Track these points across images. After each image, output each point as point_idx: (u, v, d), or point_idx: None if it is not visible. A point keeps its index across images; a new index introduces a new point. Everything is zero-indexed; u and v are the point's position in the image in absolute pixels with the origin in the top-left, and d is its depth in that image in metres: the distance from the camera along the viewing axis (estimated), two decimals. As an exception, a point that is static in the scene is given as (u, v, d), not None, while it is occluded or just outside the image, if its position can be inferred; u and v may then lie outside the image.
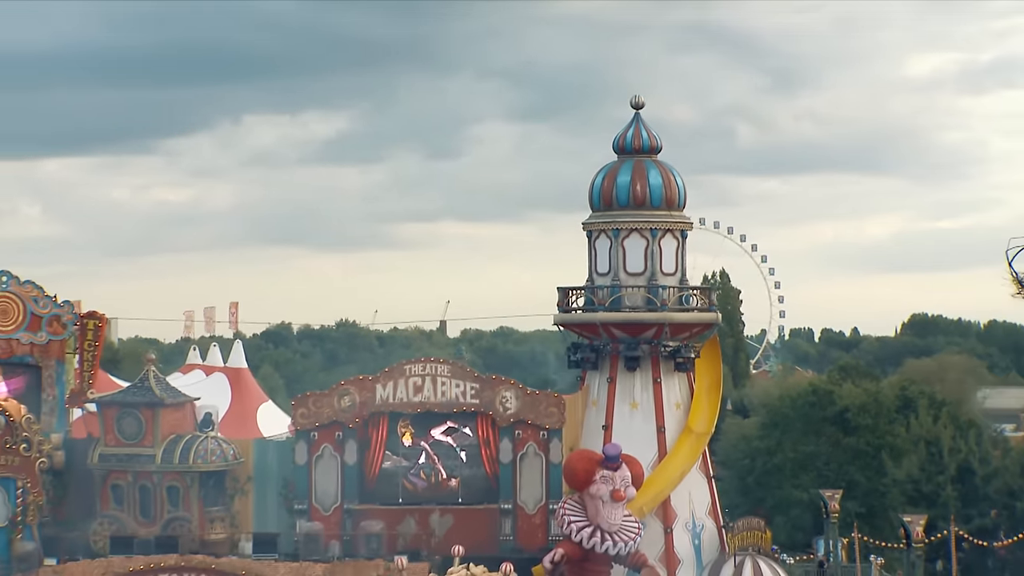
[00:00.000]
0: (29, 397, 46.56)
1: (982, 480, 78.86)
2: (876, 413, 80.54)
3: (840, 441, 75.22)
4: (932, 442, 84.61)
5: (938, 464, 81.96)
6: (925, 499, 76.24)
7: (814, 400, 78.13)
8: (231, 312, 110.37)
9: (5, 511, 44.18)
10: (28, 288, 46.76)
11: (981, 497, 76.43)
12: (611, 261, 47.02)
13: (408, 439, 46.51)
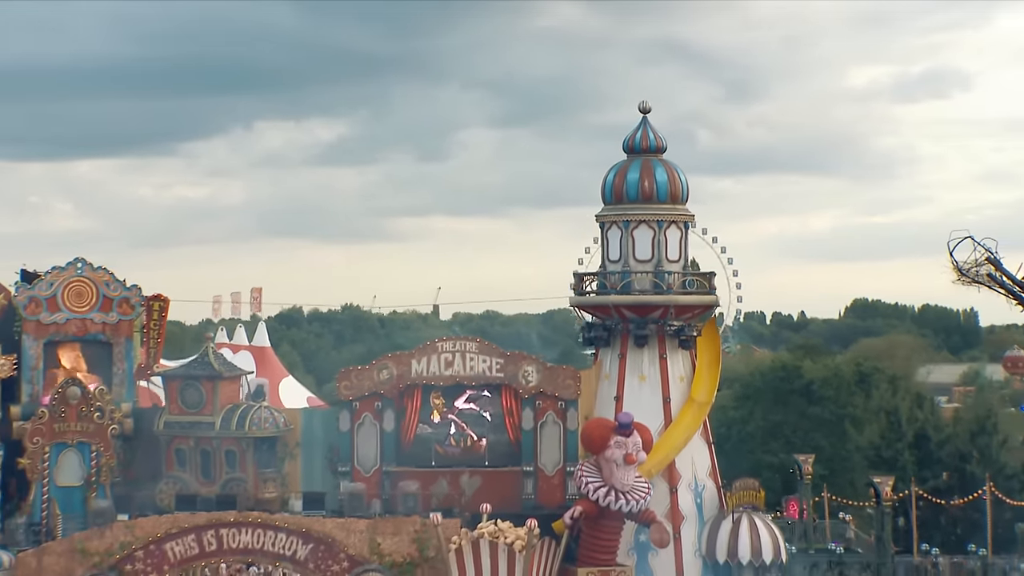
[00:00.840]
0: (101, 371, 46.09)
1: (936, 446, 78.81)
2: (837, 386, 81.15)
3: (806, 411, 75.41)
4: (891, 412, 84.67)
5: (897, 432, 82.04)
6: (885, 463, 76.22)
7: (783, 375, 78.44)
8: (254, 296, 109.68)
9: (81, 472, 44.11)
10: (100, 273, 46.44)
11: (935, 461, 76.40)
12: (622, 249, 46.79)
13: (437, 416, 46.20)
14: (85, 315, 46.11)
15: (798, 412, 75.63)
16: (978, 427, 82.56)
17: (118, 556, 41.52)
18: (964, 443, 78.98)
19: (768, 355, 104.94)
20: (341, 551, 41.71)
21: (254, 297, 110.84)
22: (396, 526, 42.11)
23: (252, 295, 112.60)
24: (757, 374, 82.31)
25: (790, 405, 76.20)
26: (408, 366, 45.68)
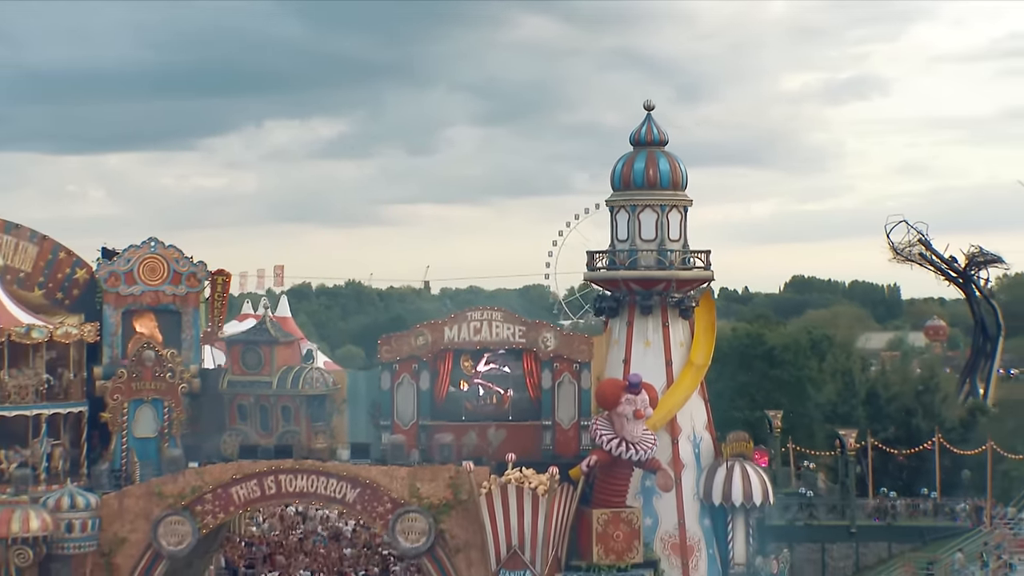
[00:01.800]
0: (172, 337, 45.91)
1: (885, 402, 78.87)
2: (795, 351, 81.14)
3: (768, 373, 75.20)
4: (845, 373, 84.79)
5: (851, 390, 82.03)
6: (840, 418, 76.29)
7: (747, 342, 78.30)
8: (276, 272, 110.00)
9: (155, 424, 44.07)
10: (171, 251, 46.21)
11: (884, 416, 76.23)
12: (629, 231, 46.59)
13: (465, 386, 46.17)
14: (158, 288, 45.93)
15: (761, 374, 75.49)
16: (923, 386, 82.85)
17: (190, 498, 41.31)
18: (910, 400, 79.16)
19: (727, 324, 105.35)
20: (385, 495, 41.42)
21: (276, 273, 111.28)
22: (433, 473, 41.88)
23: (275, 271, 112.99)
24: (724, 341, 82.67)
25: (754, 369, 76.11)
26: (441, 333, 45.46)
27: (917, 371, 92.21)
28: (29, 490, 40.67)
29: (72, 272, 46.65)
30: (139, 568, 41.04)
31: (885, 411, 78.29)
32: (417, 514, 41.10)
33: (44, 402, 42.77)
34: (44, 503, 40.03)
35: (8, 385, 42.10)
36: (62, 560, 40.01)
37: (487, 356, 45.94)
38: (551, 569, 40.84)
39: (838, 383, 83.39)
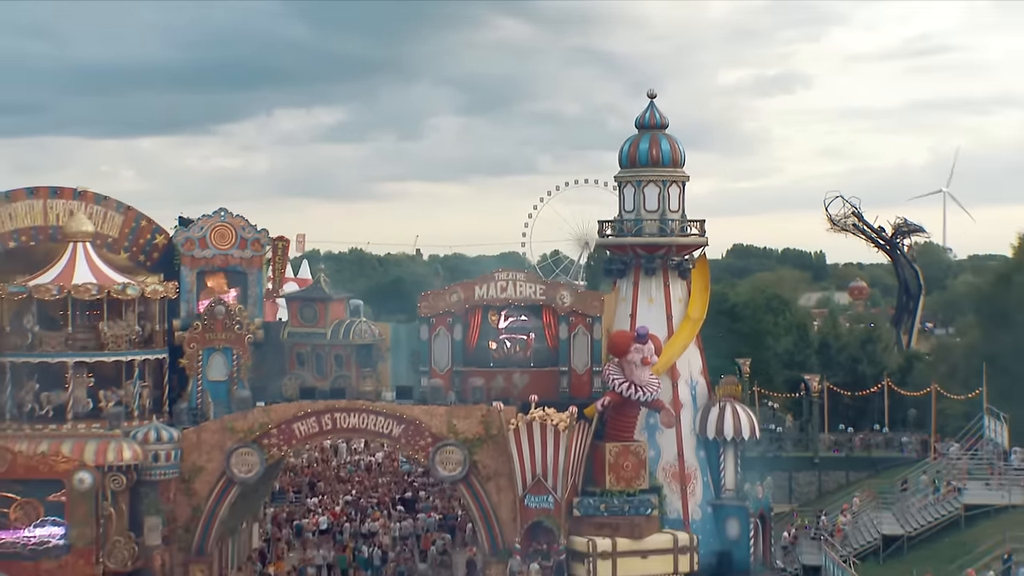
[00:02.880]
0: (240, 294, 45.78)
1: (836, 351, 79.27)
2: (754, 308, 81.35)
3: (731, 327, 75.27)
4: (800, 327, 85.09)
5: (805, 341, 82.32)
6: (796, 365, 76.72)
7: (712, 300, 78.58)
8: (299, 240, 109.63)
9: (226, 369, 43.86)
10: (238, 219, 45.96)
11: (835, 363, 76.67)
12: (635, 203, 46.28)
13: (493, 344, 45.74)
14: (227, 251, 45.71)
15: (725, 328, 75.63)
16: (866, 336, 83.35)
17: (258, 433, 41.35)
18: (856, 349, 79.64)
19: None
20: (426, 430, 41.48)
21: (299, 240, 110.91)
22: (467, 412, 41.86)
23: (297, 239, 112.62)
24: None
25: (719, 324, 76.42)
26: (472, 291, 45.22)
27: (846, 325, 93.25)
28: (122, 425, 40.66)
29: (152, 238, 46.37)
30: (214, 493, 40.97)
31: (835, 359, 78.84)
32: (454, 447, 41.16)
33: (135, 349, 42.71)
34: (134, 436, 40.01)
35: (107, 335, 42.00)
36: (150, 485, 39.98)
37: (505, 312, 45.59)
38: (570, 494, 40.97)
39: (794, 335, 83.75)
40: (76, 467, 38.82)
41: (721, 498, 44.91)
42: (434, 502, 54.28)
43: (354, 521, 51.58)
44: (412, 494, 55.81)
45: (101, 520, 38.92)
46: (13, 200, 44.85)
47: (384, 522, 50.88)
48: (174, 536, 40.48)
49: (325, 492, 56.34)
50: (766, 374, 72.69)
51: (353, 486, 57.35)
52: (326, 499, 55.09)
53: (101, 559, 38.91)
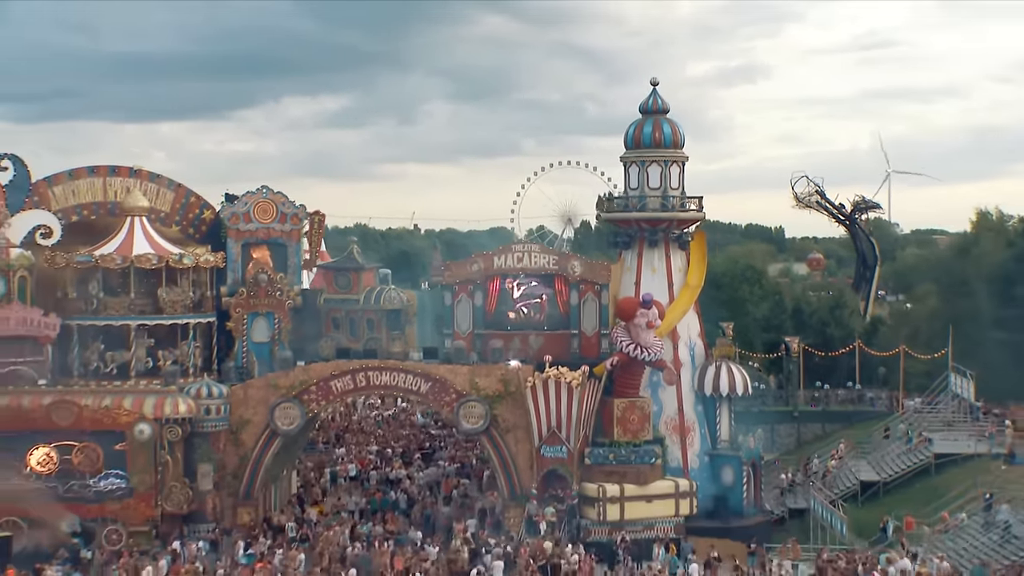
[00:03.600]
0: (280, 263, 45.52)
1: (808, 316, 79.33)
2: (732, 277, 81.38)
3: (713, 295, 75.37)
4: (775, 294, 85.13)
5: (781, 306, 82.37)
6: (773, 328, 76.75)
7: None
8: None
9: (268, 332, 43.84)
10: (278, 196, 45.63)
11: (807, 327, 76.80)
12: (639, 180, 46.09)
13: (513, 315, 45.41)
14: (269, 225, 45.41)
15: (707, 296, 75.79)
16: (834, 303, 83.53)
17: (298, 389, 41.32)
18: (826, 314, 79.83)
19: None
20: (451, 387, 41.46)
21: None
22: (488, 370, 41.87)
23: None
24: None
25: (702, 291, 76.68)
26: (491, 261, 45.11)
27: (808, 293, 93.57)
28: (177, 382, 40.71)
29: (200, 212, 46.24)
30: (259, 443, 41.04)
31: (807, 323, 78.99)
32: (476, 402, 41.19)
33: (189, 313, 42.73)
34: (188, 392, 40.08)
35: (164, 300, 41.99)
36: (202, 436, 40.10)
37: (517, 281, 45.42)
38: (581, 445, 41.08)
39: (770, 302, 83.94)
40: (137, 419, 38.95)
41: (717, 448, 45.06)
42: (451, 452, 54.38)
43: (380, 469, 51.67)
44: (430, 444, 55.89)
45: (159, 467, 39.10)
46: (76, 178, 44.75)
47: (407, 470, 50.99)
48: (224, 482, 40.61)
49: (351, 443, 56.42)
50: (746, 337, 72.78)
51: (376, 438, 57.40)
52: (353, 449, 55.18)
53: (159, 502, 39.13)
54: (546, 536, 38.10)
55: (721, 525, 42.23)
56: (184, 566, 34.82)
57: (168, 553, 36.19)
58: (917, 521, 40.02)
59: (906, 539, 36.69)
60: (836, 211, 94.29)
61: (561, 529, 39.27)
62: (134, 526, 38.81)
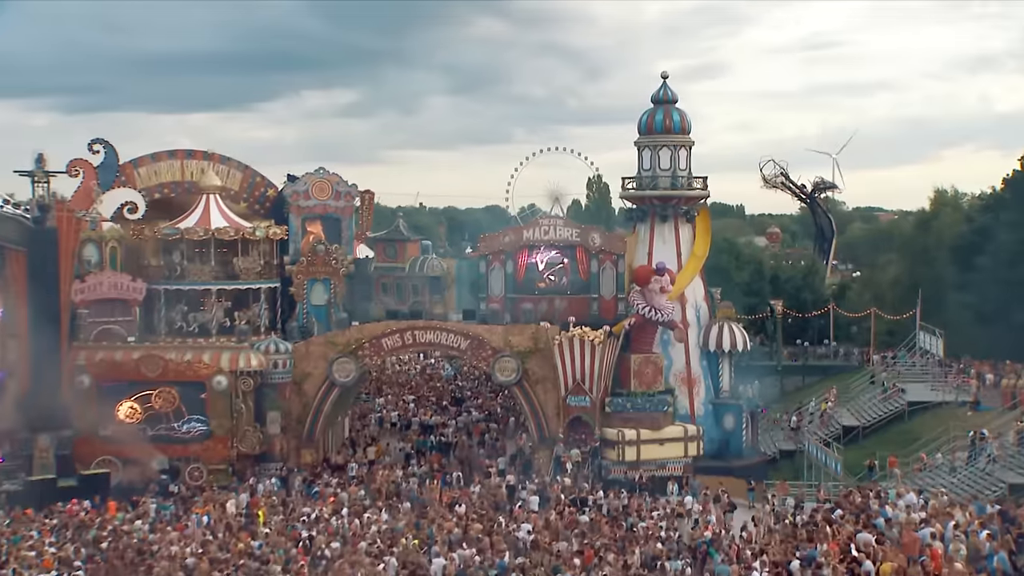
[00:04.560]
0: (334, 236, 45.38)
1: (783, 282, 79.27)
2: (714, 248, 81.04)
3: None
4: (755, 262, 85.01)
5: (761, 273, 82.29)
6: (754, 293, 76.67)
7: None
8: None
9: (325, 296, 43.87)
10: (333, 176, 45.59)
11: (783, 291, 76.65)
12: (651, 162, 45.93)
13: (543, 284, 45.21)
14: (325, 202, 45.40)
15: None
16: (806, 270, 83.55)
17: (354, 346, 41.43)
18: (799, 281, 79.83)
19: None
20: (487, 344, 41.54)
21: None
22: (520, 329, 41.92)
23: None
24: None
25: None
26: (520, 234, 45.07)
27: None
28: (249, 339, 40.86)
29: (265, 191, 46.22)
30: (319, 393, 41.20)
31: (783, 288, 78.91)
32: (510, 357, 41.27)
33: (259, 279, 42.79)
34: (259, 348, 40.21)
35: (239, 267, 42.09)
36: (270, 387, 40.23)
37: (539, 252, 45.17)
38: (602, 395, 41.19)
39: (750, 270, 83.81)
40: (215, 372, 39.13)
41: (719, 398, 45.17)
42: (478, 402, 54.52)
43: (417, 416, 51.82)
44: (459, 395, 56.02)
45: (234, 414, 39.29)
46: (157, 160, 44.73)
47: (442, 417, 51.13)
48: (289, 427, 40.80)
49: (389, 393, 56.54)
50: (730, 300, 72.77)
51: (409, 389, 57.53)
52: (391, 399, 55.31)
53: (234, 444, 39.35)
54: (572, 475, 38.37)
55: (724, 465, 42.32)
56: (261, 499, 35.04)
57: (246, 488, 36.41)
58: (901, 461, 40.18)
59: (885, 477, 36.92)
60: (799, 190, 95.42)
61: (585, 469, 39.45)
62: (213, 465, 39.12)
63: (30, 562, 26.39)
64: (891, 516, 21.59)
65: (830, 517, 23.27)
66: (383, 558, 26.77)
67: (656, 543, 28.12)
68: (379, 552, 27.37)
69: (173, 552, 27.74)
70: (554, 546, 28.01)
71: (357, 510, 32.98)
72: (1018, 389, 43.98)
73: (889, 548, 18.09)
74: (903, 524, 20.27)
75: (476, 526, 30.30)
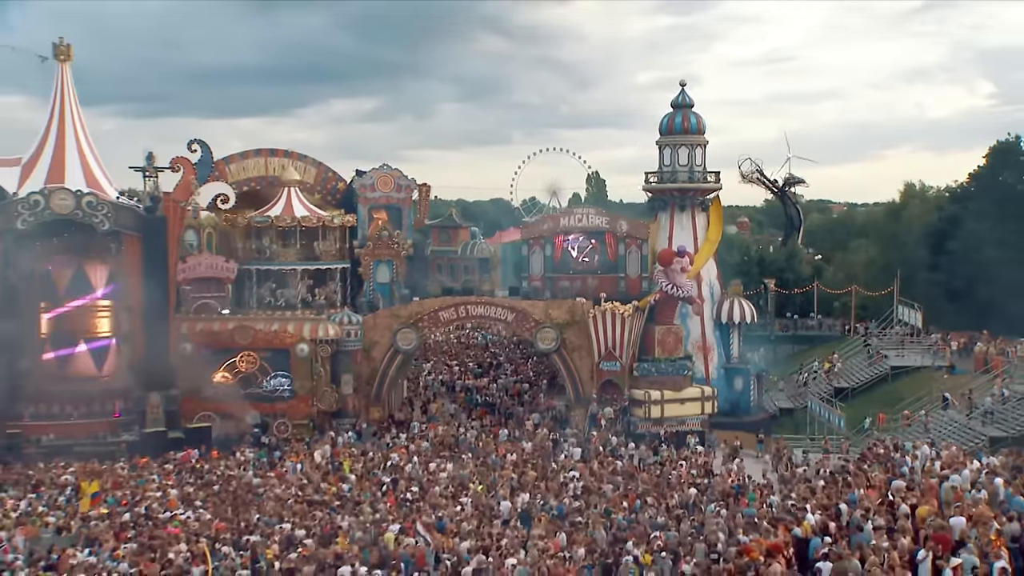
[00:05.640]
0: (396, 223, 45.32)
1: (768, 263, 78.72)
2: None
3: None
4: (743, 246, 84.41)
5: (747, 254, 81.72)
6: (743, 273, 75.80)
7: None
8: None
9: (389, 275, 43.80)
10: (395, 172, 45.49)
11: (772, 271, 76.15)
12: (671, 159, 45.59)
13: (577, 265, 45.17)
14: (388, 193, 45.36)
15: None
16: (788, 253, 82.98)
17: (415, 318, 41.35)
18: (781, 262, 79.34)
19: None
20: (530, 316, 41.41)
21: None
22: (559, 304, 41.87)
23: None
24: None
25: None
26: (557, 221, 45.08)
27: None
28: (326, 312, 40.87)
29: (336, 184, 46.12)
30: (385, 359, 41.16)
31: (769, 269, 78.51)
32: (550, 328, 41.23)
33: (335, 261, 42.76)
34: (334, 320, 40.26)
35: (319, 250, 42.10)
36: (344, 353, 40.29)
37: (570, 238, 45.10)
38: (630, 361, 41.04)
39: (738, 253, 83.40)
40: (297, 340, 39.24)
41: (730, 363, 45.11)
42: (511, 367, 54.44)
43: (462, 378, 51.80)
44: (494, 360, 55.94)
45: (314, 376, 39.36)
46: (245, 158, 44.65)
47: (483, 380, 51.08)
48: (359, 387, 40.87)
49: (433, 359, 56.54)
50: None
51: (452, 355, 57.47)
52: (437, 364, 55.29)
53: (314, 402, 39.45)
54: (606, 429, 38.35)
55: (735, 420, 42.43)
56: (342, 450, 35.17)
57: (328, 440, 36.53)
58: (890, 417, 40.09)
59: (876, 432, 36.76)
60: (772, 184, 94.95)
61: (616, 425, 39.54)
62: (297, 420, 39.24)
63: (158, 502, 26.56)
64: (912, 466, 21.47)
65: (861, 466, 23.18)
66: (460, 500, 26.84)
67: (690, 488, 28.11)
68: (453, 495, 27.46)
69: (277, 493, 27.88)
70: (603, 489, 28.01)
71: (425, 460, 33.07)
72: (990, 355, 43.73)
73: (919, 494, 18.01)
74: (926, 472, 20.18)
75: (531, 473, 30.35)
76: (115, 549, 21.63)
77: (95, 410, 36.72)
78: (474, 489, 28.19)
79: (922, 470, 20.98)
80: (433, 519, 24.05)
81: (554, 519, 24.84)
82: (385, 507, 26.21)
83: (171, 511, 25.67)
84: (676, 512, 25.34)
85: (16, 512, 25.20)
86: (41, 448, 34.54)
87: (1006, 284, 54.82)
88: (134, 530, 23.55)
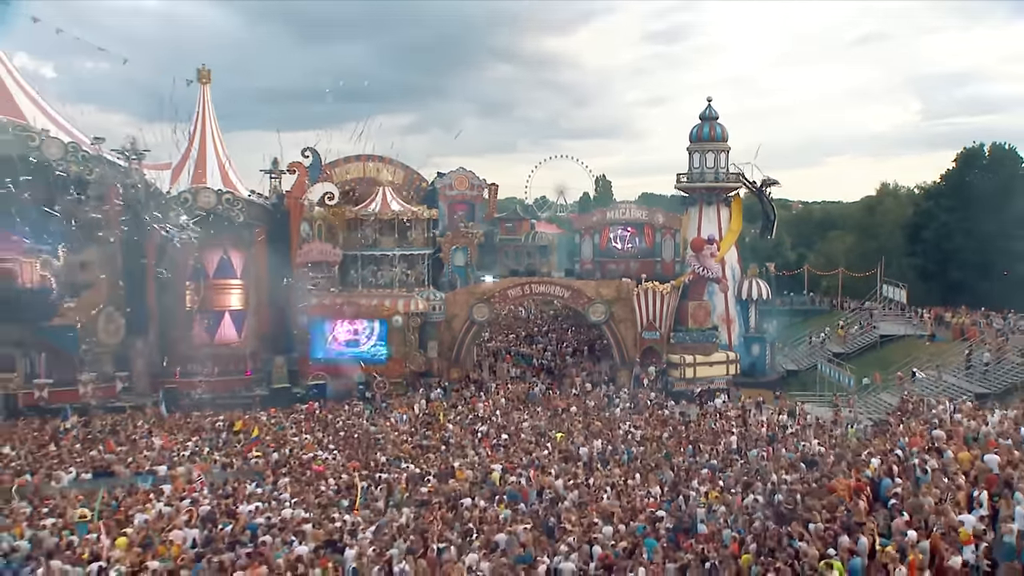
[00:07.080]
0: (469, 216, 45.22)
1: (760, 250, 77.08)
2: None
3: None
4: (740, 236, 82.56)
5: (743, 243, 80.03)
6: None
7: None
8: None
9: (464, 259, 43.63)
10: (469, 173, 45.12)
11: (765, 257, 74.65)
12: (700, 163, 44.81)
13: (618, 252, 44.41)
14: (464, 191, 45.19)
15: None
16: (776, 241, 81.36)
17: (488, 294, 41.10)
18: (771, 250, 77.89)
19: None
20: (583, 294, 41.11)
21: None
22: (607, 283, 41.55)
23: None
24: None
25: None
26: (604, 214, 44.59)
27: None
28: (416, 289, 40.73)
29: (419, 184, 45.84)
30: (463, 328, 40.99)
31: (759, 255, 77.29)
32: (600, 303, 40.92)
33: (423, 247, 42.61)
34: (423, 295, 40.09)
35: (412, 238, 41.95)
36: (430, 324, 40.09)
37: (615, 230, 44.53)
38: (668, 331, 40.68)
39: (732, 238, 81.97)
40: (393, 312, 39.11)
41: (749, 332, 44.46)
42: (554, 336, 54.03)
43: (516, 345, 51.52)
44: (537, 330, 55.58)
45: (406, 342, 39.27)
46: (347, 162, 44.49)
47: (532, 348, 50.73)
48: (442, 352, 40.76)
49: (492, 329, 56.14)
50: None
51: (506, 327, 57.04)
52: (494, 334, 54.92)
53: (407, 364, 39.36)
54: (648, 388, 38.07)
55: (753, 380, 41.80)
56: (433, 403, 35.13)
57: (423, 396, 36.49)
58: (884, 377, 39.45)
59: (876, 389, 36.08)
60: (751, 184, 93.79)
61: (657, 384, 39.25)
62: (392, 379, 39.15)
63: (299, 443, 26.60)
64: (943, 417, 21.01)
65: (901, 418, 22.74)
66: (544, 445, 26.68)
67: (733, 436, 27.79)
68: (536, 441, 27.30)
69: (392, 438, 27.85)
70: (662, 436, 27.76)
71: (506, 412, 32.93)
72: (965, 326, 42.94)
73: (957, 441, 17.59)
74: (954, 424, 19.74)
75: (597, 423, 30.13)
76: (276, 481, 21.68)
77: (231, 369, 36.90)
78: (554, 436, 28.01)
79: (950, 421, 20.53)
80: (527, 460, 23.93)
81: (624, 463, 24.64)
82: (485, 451, 26.13)
83: (311, 453, 25.72)
84: (725, 456, 25.08)
85: (186, 452, 25.35)
86: (192, 400, 34.78)
87: (971, 266, 53.99)
88: (287, 467, 23.59)
